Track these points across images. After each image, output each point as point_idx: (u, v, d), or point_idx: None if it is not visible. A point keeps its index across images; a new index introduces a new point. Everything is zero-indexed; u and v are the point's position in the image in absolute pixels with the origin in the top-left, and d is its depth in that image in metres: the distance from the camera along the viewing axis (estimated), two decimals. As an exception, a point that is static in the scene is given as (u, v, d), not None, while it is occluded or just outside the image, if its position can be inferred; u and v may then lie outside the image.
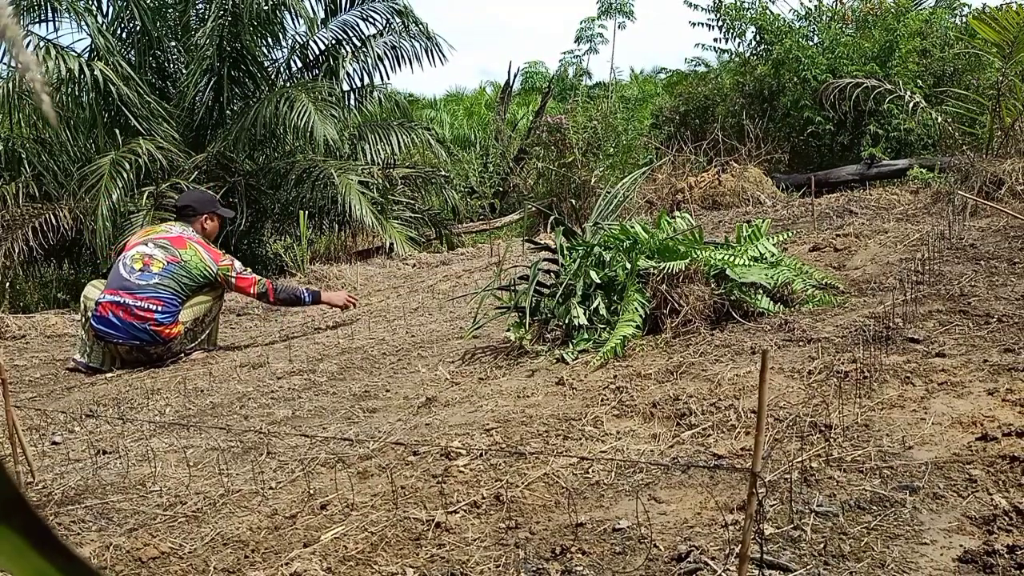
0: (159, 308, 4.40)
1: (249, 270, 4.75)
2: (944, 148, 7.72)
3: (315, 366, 3.91)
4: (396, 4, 9.42)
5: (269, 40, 8.96)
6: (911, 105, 7.21)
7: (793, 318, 3.23)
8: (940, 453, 1.96)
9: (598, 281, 3.50)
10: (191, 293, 4.55)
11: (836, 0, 10.16)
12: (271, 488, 2.32)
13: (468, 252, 8.09)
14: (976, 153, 6.26)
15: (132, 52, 8.50)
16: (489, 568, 1.74)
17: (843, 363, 2.62)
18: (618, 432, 2.43)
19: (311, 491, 2.24)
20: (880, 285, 3.66)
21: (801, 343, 2.92)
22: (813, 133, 9.12)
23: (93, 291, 4.53)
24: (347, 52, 9.47)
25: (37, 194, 8.10)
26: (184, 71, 8.53)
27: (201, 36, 8.36)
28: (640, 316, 3.32)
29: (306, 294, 4.83)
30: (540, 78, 21.38)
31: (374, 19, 9.51)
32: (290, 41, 9.24)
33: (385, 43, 9.60)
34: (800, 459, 2.02)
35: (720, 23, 10.06)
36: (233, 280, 4.60)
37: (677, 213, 4.44)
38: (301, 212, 7.92)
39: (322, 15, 9.44)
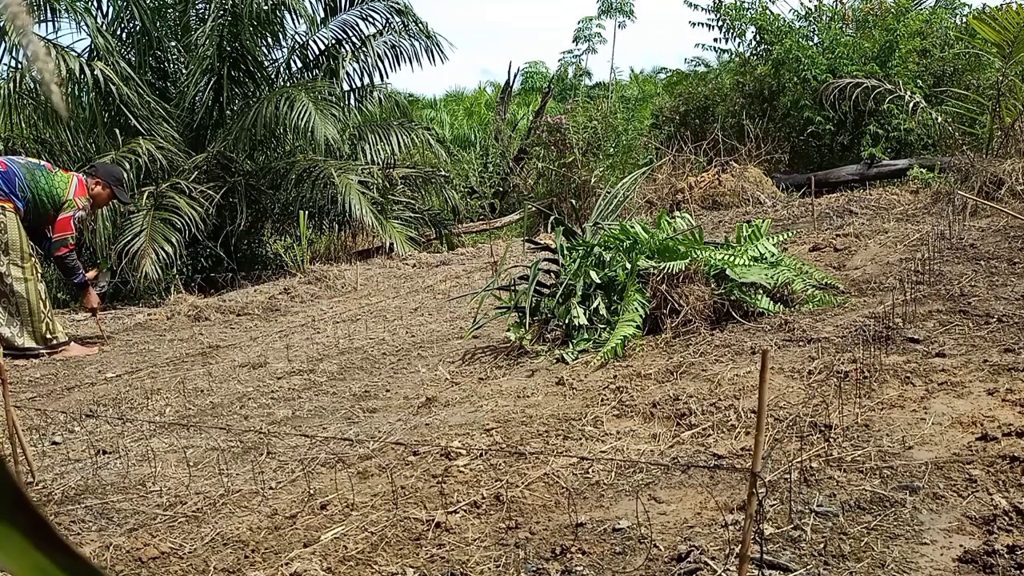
0: (1, 169, 4.79)
1: (74, 232, 5.10)
2: (944, 148, 7.72)
3: (315, 366, 3.91)
4: (396, 3, 9.41)
5: (269, 40, 8.94)
6: (911, 105, 7.21)
7: (793, 318, 3.23)
8: (940, 453, 1.96)
9: (598, 281, 3.50)
10: (36, 192, 4.87)
11: (836, 0, 10.16)
12: (271, 488, 2.32)
13: (468, 252, 8.09)
14: (976, 153, 6.26)
15: (132, 52, 8.49)
16: (489, 568, 1.74)
17: (843, 363, 2.62)
18: (618, 432, 2.43)
19: (311, 491, 2.24)
20: (880, 285, 3.66)
21: (801, 343, 2.92)
22: (813, 133, 9.12)
23: None
24: (347, 52, 9.46)
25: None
26: (184, 71, 8.52)
27: (201, 36, 8.36)
28: (640, 316, 3.32)
29: (80, 277, 5.17)
30: (540, 78, 21.36)
31: (374, 18, 9.50)
32: (290, 41, 9.24)
33: (385, 42, 9.58)
34: (800, 459, 2.02)
35: (720, 23, 10.06)
36: (65, 212, 4.96)
37: (677, 213, 4.44)
38: (301, 212, 7.92)
39: (322, 15, 9.43)
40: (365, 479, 2.29)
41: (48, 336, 4.91)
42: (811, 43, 9.49)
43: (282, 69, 9.32)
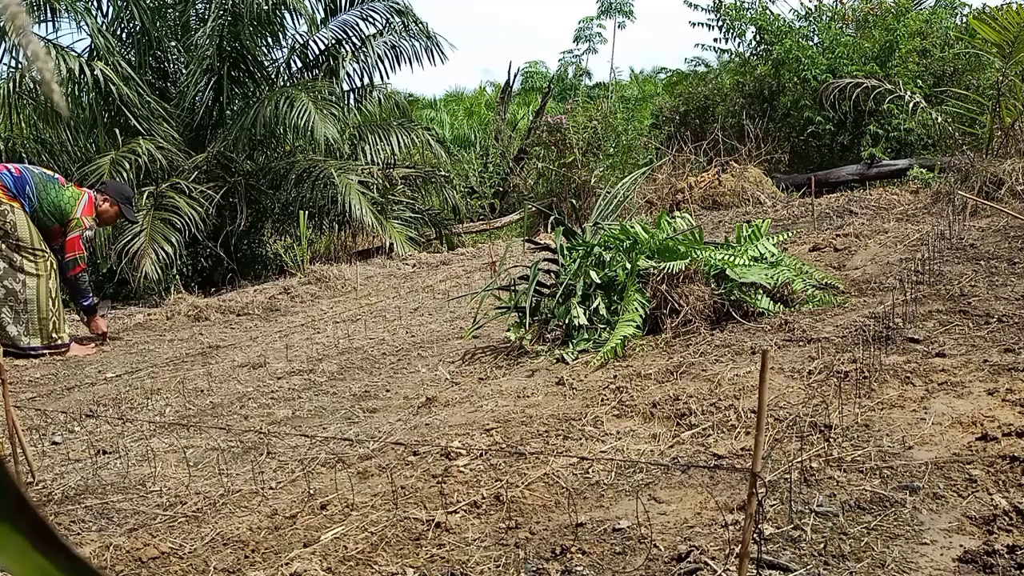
0: (12, 171, 4.87)
1: (85, 252, 5.10)
2: (944, 148, 7.72)
3: (315, 366, 3.91)
4: (396, 3, 9.41)
5: (269, 40, 8.94)
6: (911, 105, 7.21)
7: (793, 318, 3.23)
8: (940, 453, 1.96)
9: (598, 281, 3.50)
10: (43, 202, 4.92)
11: (836, 0, 10.16)
12: (271, 488, 2.32)
13: (468, 252, 8.09)
14: (976, 153, 6.26)
15: (132, 52, 8.49)
16: (489, 568, 1.74)
17: (843, 363, 2.62)
18: (618, 432, 2.43)
19: (311, 491, 2.24)
20: (880, 285, 3.66)
21: (801, 343, 2.92)
22: (813, 133, 9.13)
23: None
24: (347, 52, 9.46)
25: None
26: (184, 71, 8.52)
27: (201, 36, 8.35)
28: (640, 316, 3.32)
29: (90, 300, 5.16)
30: (540, 78, 21.36)
31: (374, 19, 9.50)
32: (290, 41, 9.23)
33: (385, 43, 9.58)
34: (800, 459, 2.02)
35: (720, 23, 10.06)
36: (73, 232, 4.99)
37: (677, 213, 4.44)
38: (301, 212, 7.91)
39: (322, 15, 9.42)
40: (365, 479, 2.29)
41: (53, 336, 4.93)
42: (811, 43, 9.49)
43: (282, 69, 9.31)
